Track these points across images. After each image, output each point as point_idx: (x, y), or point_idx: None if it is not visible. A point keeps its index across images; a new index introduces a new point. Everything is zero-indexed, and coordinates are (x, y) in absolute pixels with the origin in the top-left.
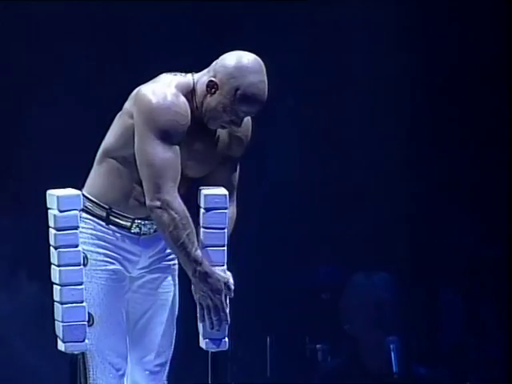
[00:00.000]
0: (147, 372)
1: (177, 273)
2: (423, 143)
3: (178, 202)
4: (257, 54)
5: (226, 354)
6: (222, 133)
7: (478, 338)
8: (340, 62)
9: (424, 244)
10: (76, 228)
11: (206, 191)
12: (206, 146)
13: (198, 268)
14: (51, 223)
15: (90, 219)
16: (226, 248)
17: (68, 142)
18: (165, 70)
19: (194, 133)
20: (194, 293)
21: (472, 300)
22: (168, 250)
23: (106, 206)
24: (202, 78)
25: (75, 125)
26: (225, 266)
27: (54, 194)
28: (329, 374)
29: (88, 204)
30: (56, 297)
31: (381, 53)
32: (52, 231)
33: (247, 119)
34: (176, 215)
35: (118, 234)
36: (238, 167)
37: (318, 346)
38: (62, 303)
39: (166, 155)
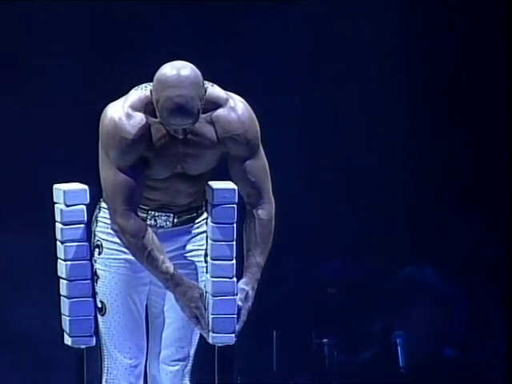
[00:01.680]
0: (165, 367)
1: (203, 269)
2: (425, 142)
3: (130, 225)
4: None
5: (233, 350)
6: (210, 137)
7: (482, 334)
8: (340, 61)
9: (426, 241)
10: (82, 222)
11: (214, 186)
12: (192, 145)
13: (170, 281)
14: (58, 217)
15: (104, 207)
16: (234, 243)
17: (75, 137)
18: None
19: (173, 140)
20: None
21: (476, 296)
22: (191, 247)
23: None
24: None
25: (83, 120)
26: (233, 261)
27: (60, 189)
28: (364, 366)
29: None
30: (63, 291)
31: (381, 52)
32: (58, 225)
33: (241, 120)
34: (131, 239)
35: None
36: (258, 163)
37: (324, 340)
38: (68, 297)
39: (117, 179)
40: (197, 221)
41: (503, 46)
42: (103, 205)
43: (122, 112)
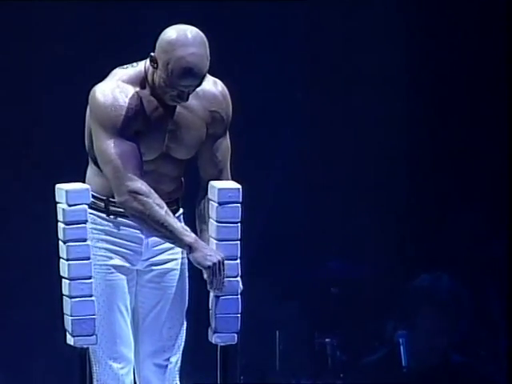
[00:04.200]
0: (158, 366)
1: (186, 266)
2: (425, 142)
3: (144, 186)
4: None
5: (235, 350)
6: (199, 112)
7: (486, 334)
8: (341, 60)
9: (428, 241)
10: (85, 222)
11: (218, 185)
12: (182, 120)
13: (192, 234)
14: (60, 217)
15: (90, 213)
16: (239, 242)
17: (77, 137)
18: None
19: (164, 115)
20: (197, 263)
21: (478, 297)
22: None
23: (104, 197)
24: None
25: (85, 119)
26: (238, 260)
27: (62, 188)
28: (367, 366)
29: None
30: (65, 291)
31: (382, 51)
32: (61, 225)
33: (223, 95)
34: (147, 198)
35: (119, 224)
36: (226, 143)
37: (327, 340)
38: (70, 297)
39: (119, 149)
40: (176, 215)
41: (503, 45)
42: (89, 209)
43: (114, 85)
